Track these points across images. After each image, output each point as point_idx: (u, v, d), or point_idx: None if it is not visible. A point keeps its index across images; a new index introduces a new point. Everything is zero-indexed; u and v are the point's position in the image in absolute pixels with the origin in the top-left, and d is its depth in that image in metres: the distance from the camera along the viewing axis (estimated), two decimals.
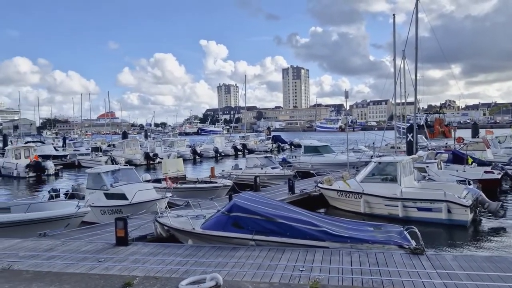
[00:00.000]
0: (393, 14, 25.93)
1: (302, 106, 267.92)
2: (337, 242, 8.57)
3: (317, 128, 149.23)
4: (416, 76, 26.67)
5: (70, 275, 6.95)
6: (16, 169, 34.28)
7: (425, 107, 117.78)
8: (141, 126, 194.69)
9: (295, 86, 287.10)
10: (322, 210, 16.59)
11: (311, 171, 23.67)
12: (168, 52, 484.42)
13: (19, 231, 11.61)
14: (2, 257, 8.59)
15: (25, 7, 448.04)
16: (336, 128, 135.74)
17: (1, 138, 66.24)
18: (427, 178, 18.71)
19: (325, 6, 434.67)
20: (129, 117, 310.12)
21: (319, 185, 17.49)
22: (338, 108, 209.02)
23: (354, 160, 26.15)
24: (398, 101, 31.55)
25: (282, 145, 58.86)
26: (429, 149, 30.16)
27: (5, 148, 43.14)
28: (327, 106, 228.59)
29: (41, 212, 12.52)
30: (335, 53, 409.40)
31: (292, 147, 58.95)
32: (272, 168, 24.26)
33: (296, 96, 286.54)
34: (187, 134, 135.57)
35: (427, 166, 20.29)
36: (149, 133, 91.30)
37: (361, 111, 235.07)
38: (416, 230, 8.54)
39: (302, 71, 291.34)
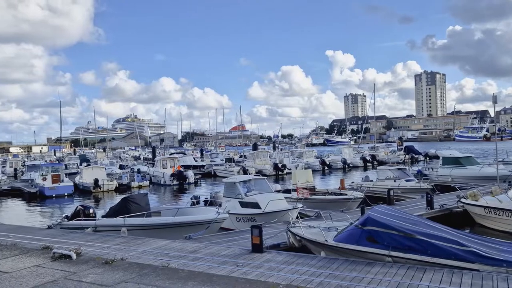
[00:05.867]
0: None
1: (437, 114, 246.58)
2: (490, 265, 7.63)
3: (456, 138, 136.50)
4: None
5: (218, 277, 7.49)
6: (163, 177, 38.70)
7: None
8: (269, 138, 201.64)
9: (429, 92, 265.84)
10: (466, 229, 14.98)
11: (452, 185, 21.61)
12: (295, 64, 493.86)
13: (168, 232, 13.01)
14: (156, 256, 9.71)
15: (170, 36, 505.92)
16: (480, 137, 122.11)
17: (151, 150, 75.71)
18: None
19: (469, 2, 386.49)
20: (258, 129, 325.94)
21: (463, 200, 15.91)
22: (482, 114, 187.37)
23: (505, 173, 23.09)
24: None
25: (415, 156, 55.13)
26: None
27: (155, 159, 49.04)
28: (467, 113, 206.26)
29: (187, 216, 13.86)
30: (480, 53, 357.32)
31: (427, 158, 54.80)
32: (407, 180, 22.89)
33: (430, 103, 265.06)
34: (313, 145, 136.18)
35: None
36: (276, 145, 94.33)
37: (511, 118, 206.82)
38: None
39: (438, 76, 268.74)
